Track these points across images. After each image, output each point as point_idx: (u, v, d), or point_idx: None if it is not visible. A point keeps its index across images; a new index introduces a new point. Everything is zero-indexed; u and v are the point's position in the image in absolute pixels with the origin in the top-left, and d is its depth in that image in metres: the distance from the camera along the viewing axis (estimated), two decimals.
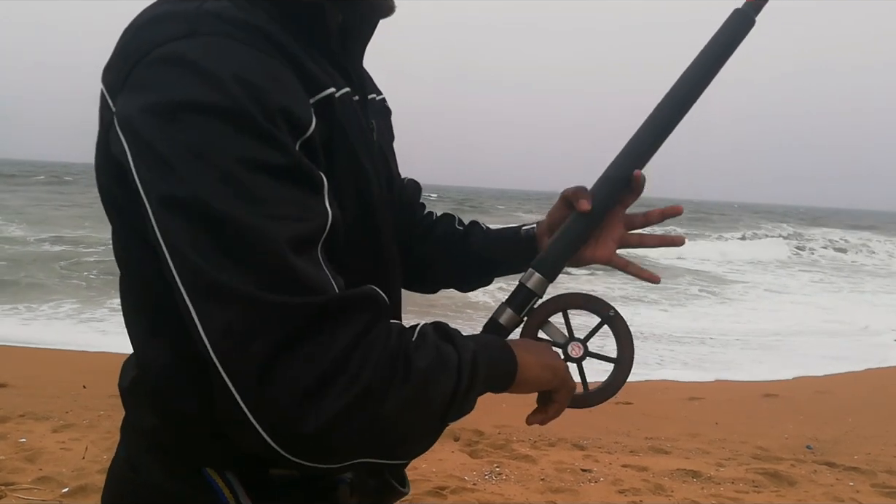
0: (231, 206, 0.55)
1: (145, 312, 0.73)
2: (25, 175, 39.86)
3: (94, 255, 11.90)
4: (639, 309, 10.45)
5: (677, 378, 6.44)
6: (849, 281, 16.23)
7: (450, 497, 3.30)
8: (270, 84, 0.59)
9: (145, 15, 0.66)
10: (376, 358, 0.58)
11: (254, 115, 0.57)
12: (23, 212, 19.41)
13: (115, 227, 0.72)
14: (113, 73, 0.64)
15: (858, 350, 8.10)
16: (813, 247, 24.30)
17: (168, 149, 0.57)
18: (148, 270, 0.65)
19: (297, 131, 0.61)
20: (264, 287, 0.54)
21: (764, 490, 3.60)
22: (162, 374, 0.72)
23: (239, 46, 0.60)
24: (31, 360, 5.82)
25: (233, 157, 0.56)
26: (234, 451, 0.69)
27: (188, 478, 0.73)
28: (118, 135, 0.61)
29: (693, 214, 40.81)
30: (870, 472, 3.92)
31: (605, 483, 3.60)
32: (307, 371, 0.55)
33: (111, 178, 0.66)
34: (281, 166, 0.58)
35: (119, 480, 0.80)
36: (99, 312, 7.72)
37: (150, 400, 0.75)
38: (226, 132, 0.56)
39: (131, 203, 0.61)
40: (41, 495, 3.04)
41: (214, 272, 0.55)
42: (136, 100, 0.60)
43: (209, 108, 0.57)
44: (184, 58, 0.59)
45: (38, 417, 4.14)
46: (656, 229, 1.00)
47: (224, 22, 0.61)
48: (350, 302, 0.58)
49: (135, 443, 0.78)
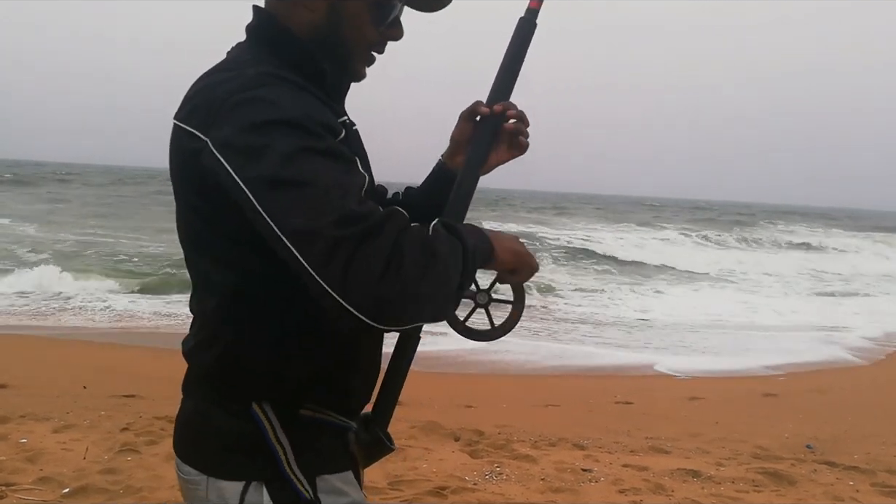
0: (307, 175, 0.85)
1: (212, 271, 1.03)
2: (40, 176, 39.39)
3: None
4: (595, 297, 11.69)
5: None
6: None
7: (450, 497, 3.30)
8: (313, 108, 0.93)
9: (215, 77, 0.97)
10: (415, 246, 0.86)
11: (307, 124, 0.89)
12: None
13: (190, 223, 1.02)
14: (200, 117, 0.93)
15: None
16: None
17: (261, 150, 0.86)
18: (224, 251, 0.99)
19: (335, 134, 0.93)
20: (340, 220, 0.83)
21: (764, 489, 3.60)
22: (218, 318, 1.03)
23: (289, 90, 0.93)
24: (32, 361, 5.84)
25: (300, 147, 0.86)
26: (275, 392, 1.02)
27: (239, 412, 1.02)
28: (215, 156, 0.89)
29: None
30: (870, 471, 3.92)
31: (606, 483, 3.61)
32: (376, 260, 0.82)
33: (193, 188, 0.97)
34: (330, 150, 0.89)
35: (189, 425, 1.09)
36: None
37: (208, 351, 1.04)
38: (293, 134, 0.87)
39: (215, 206, 0.93)
40: (42, 496, 3.05)
41: (302, 222, 0.83)
42: (229, 127, 0.89)
43: (282, 121, 0.88)
44: (260, 97, 0.90)
45: (39, 418, 4.15)
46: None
47: (276, 77, 0.95)
48: (388, 216, 0.87)
49: (197, 393, 1.08)
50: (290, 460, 1.01)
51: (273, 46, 1.03)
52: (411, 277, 0.84)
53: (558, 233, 25.11)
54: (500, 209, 38.78)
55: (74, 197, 28.43)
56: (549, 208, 43.62)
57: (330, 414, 1.07)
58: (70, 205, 25.19)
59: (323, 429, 1.06)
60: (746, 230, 32.32)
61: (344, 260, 0.81)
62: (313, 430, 1.05)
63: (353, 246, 0.82)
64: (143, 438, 3.83)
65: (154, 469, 3.38)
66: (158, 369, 5.57)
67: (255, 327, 1.00)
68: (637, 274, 16.45)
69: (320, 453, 1.04)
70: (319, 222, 0.82)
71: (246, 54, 1.03)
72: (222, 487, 1.01)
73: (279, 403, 1.02)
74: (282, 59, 1.02)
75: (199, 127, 0.93)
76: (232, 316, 1.02)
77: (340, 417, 1.09)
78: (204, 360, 1.06)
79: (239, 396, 1.02)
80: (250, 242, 0.92)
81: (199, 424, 1.07)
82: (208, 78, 0.98)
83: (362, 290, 0.82)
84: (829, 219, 52.41)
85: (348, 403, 1.10)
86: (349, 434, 1.10)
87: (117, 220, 21.06)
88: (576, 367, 7.08)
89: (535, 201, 53.91)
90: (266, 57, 1.01)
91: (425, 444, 4.07)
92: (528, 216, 35.48)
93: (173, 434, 1.12)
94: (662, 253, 20.26)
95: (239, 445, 1.02)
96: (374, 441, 1.11)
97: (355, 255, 0.81)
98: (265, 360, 1.01)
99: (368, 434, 1.11)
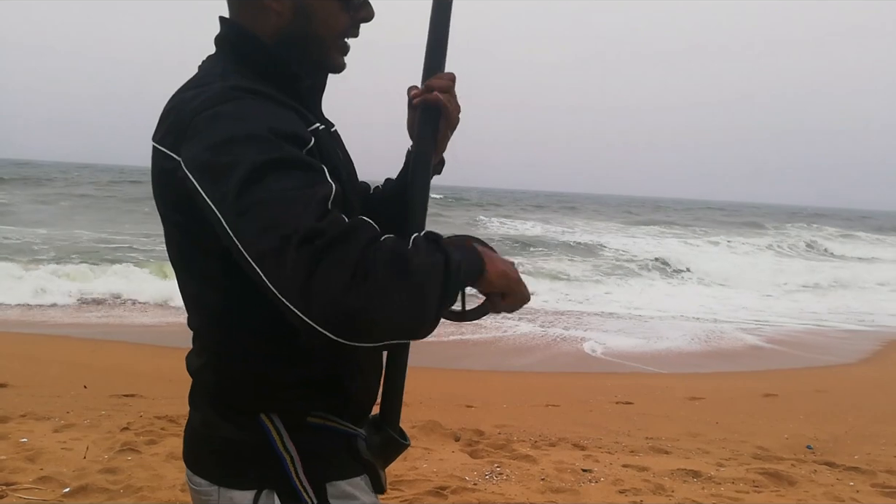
0: (268, 192, 0.83)
1: (201, 288, 1.04)
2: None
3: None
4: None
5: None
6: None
7: (450, 497, 3.30)
8: (278, 120, 0.93)
9: (184, 95, 0.98)
10: (384, 258, 0.82)
11: (271, 137, 0.88)
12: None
13: (175, 236, 1.03)
14: (172, 136, 0.95)
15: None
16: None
17: (225, 168, 0.86)
18: (208, 267, 0.99)
19: (302, 144, 0.93)
20: (301, 236, 0.80)
21: (764, 490, 3.60)
22: (212, 335, 1.05)
23: (254, 102, 0.94)
24: (32, 361, 5.83)
25: (262, 162, 0.85)
26: (279, 402, 1.03)
27: (246, 423, 1.03)
28: (186, 174, 0.90)
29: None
30: (870, 471, 3.92)
31: (606, 483, 3.60)
32: (338, 274, 0.79)
33: (171, 204, 0.99)
34: (294, 162, 0.88)
35: (197, 436, 1.10)
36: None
37: (208, 367, 1.07)
38: (256, 149, 0.86)
39: (194, 223, 0.94)
40: (42, 495, 3.05)
41: (263, 240, 0.82)
42: (195, 146, 0.90)
43: (245, 137, 0.88)
44: (224, 114, 0.91)
45: (39, 417, 4.15)
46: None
47: (241, 90, 0.95)
48: (352, 228, 0.84)
49: (203, 406, 1.09)
50: (298, 468, 1.02)
51: (241, 56, 1.04)
52: (378, 290, 0.80)
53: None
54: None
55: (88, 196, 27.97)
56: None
57: (337, 421, 1.08)
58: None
59: (331, 436, 1.07)
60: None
61: (304, 275, 0.79)
62: (321, 438, 1.06)
63: (315, 261, 0.80)
64: (144, 438, 3.83)
65: (154, 469, 3.38)
66: (158, 369, 5.58)
67: (247, 342, 1.02)
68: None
69: (329, 460, 1.06)
70: (280, 240, 0.81)
71: (216, 67, 1.03)
72: (234, 497, 1.03)
73: (285, 413, 1.04)
74: (250, 68, 1.02)
75: (171, 147, 0.94)
76: (224, 332, 1.03)
77: (347, 424, 1.09)
78: (205, 376, 1.08)
79: (244, 408, 1.04)
80: (232, 258, 0.90)
81: (207, 436, 1.08)
82: (179, 95, 0.99)
83: (324, 305, 0.79)
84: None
85: (354, 409, 1.10)
86: (359, 441, 1.10)
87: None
88: (576, 367, 7.08)
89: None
90: (235, 67, 1.02)
91: (425, 444, 4.07)
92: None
93: (183, 446, 1.14)
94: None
95: (248, 455, 1.03)
96: (387, 441, 1.11)
97: (317, 269, 0.79)
98: (263, 373, 1.02)
99: (379, 435, 1.11)
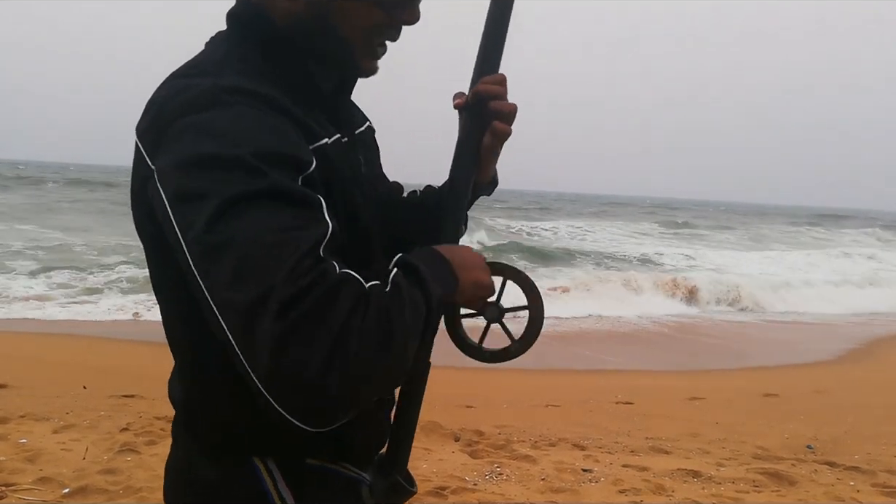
0: (242, 233, 0.69)
1: (177, 317, 0.92)
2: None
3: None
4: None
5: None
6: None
7: (450, 497, 3.30)
8: (271, 138, 0.76)
9: (172, 85, 0.83)
10: (368, 326, 0.69)
11: (256, 162, 0.73)
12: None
13: (148, 253, 0.89)
14: (150, 135, 0.81)
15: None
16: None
17: (196, 195, 0.72)
18: (178, 287, 0.81)
19: (299, 169, 0.77)
20: (274, 297, 0.66)
21: (764, 490, 3.60)
22: (191, 369, 0.93)
23: (248, 111, 0.78)
24: (32, 361, 5.83)
25: (240, 194, 0.71)
26: (273, 443, 0.89)
27: (234, 467, 0.91)
28: (157, 186, 0.76)
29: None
30: (870, 471, 3.91)
31: (606, 483, 3.60)
32: (313, 353, 0.66)
33: (146, 217, 0.83)
34: (279, 194, 0.72)
35: (178, 477, 0.99)
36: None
37: (189, 403, 0.95)
38: (235, 176, 0.72)
39: (163, 235, 0.77)
40: (42, 496, 3.05)
41: (232, 292, 0.68)
42: (170, 159, 0.76)
43: (226, 159, 0.73)
44: (206, 124, 0.76)
45: (39, 418, 4.14)
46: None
47: (237, 93, 0.79)
48: (336, 289, 0.70)
49: (185, 443, 0.97)
50: None
51: (250, 43, 0.89)
52: (359, 370, 0.68)
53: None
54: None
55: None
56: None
57: (339, 464, 0.96)
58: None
59: (330, 481, 0.95)
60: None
61: (272, 346, 0.65)
62: (320, 483, 0.94)
63: (288, 334, 0.65)
64: (143, 438, 3.82)
65: (154, 469, 3.38)
66: (158, 369, 5.53)
67: (226, 379, 0.84)
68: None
69: None
70: (253, 300, 0.67)
71: (218, 51, 0.88)
72: None
73: (279, 455, 0.91)
74: (257, 57, 0.87)
75: (147, 149, 0.81)
76: (202, 366, 0.91)
77: (350, 468, 0.98)
78: (188, 408, 0.97)
79: (231, 448, 0.92)
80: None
81: (190, 478, 0.96)
82: (169, 83, 0.84)
83: (291, 390, 0.66)
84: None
85: (356, 452, 0.98)
86: (362, 487, 0.99)
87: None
88: (576, 367, 7.08)
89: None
90: (240, 54, 0.87)
91: (425, 444, 4.07)
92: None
93: (164, 484, 1.02)
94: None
95: (235, 500, 0.92)
96: (392, 487, 1.00)
97: (289, 347, 0.65)
98: (253, 409, 0.78)
99: (386, 480, 1.00)
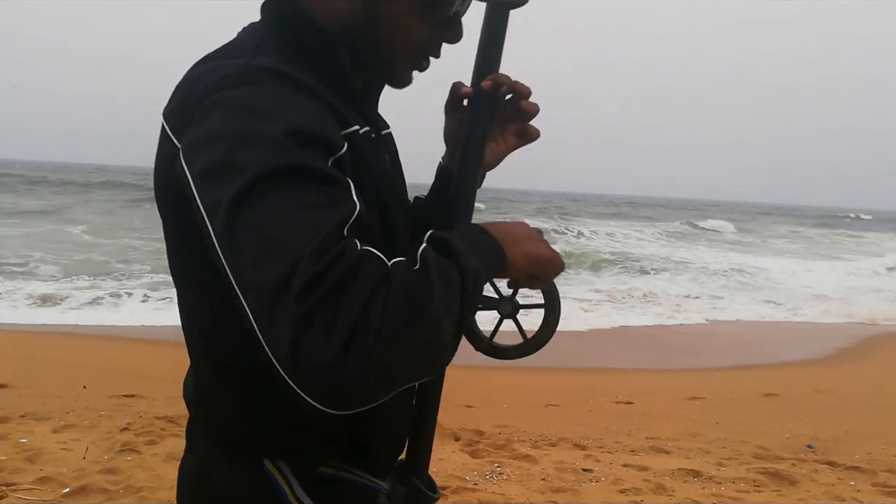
0: (267, 211, 0.68)
1: (202, 303, 0.88)
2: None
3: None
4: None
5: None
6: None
7: (451, 497, 3.30)
8: (302, 116, 0.75)
9: (202, 67, 0.82)
10: (394, 301, 0.66)
11: (285, 140, 0.71)
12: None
13: (172, 238, 0.88)
14: (176, 116, 0.80)
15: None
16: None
17: (224, 170, 0.71)
18: (204, 271, 0.79)
19: (330, 150, 0.76)
20: (297, 276, 0.64)
21: (765, 489, 3.60)
22: (209, 365, 0.90)
23: (280, 90, 0.77)
24: (32, 361, 5.83)
25: (269, 170, 0.69)
26: (286, 446, 0.87)
27: (249, 471, 0.88)
28: (183, 166, 0.75)
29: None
30: (871, 471, 3.92)
31: (606, 483, 3.60)
32: (336, 331, 0.63)
33: (172, 197, 0.81)
34: (307, 173, 0.71)
35: (190, 478, 0.97)
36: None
37: (205, 403, 0.93)
38: (264, 152, 0.70)
39: (191, 216, 0.75)
40: (42, 495, 3.05)
41: (255, 271, 0.67)
42: (197, 135, 0.75)
43: (254, 135, 0.72)
44: (237, 100, 0.75)
45: (39, 418, 4.14)
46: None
47: (271, 73, 0.78)
48: (357, 266, 0.67)
49: (199, 448, 0.95)
50: None
51: (286, 30, 0.87)
52: (384, 348, 0.64)
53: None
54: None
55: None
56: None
57: (355, 472, 0.93)
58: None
59: (347, 489, 0.92)
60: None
61: (293, 326, 0.63)
62: (336, 492, 0.91)
63: (309, 316, 0.63)
64: (143, 438, 3.83)
65: (154, 469, 3.38)
66: (158, 369, 5.57)
67: (245, 374, 0.85)
68: None
69: None
70: (275, 282, 0.65)
71: (252, 38, 0.87)
72: None
73: (294, 461, 0.88)
74: (293, 48, 0.86)
75: (174, 129, 0.80)
76: (221, 363, 0.88)
77: (367, 476, 0.94)
78: (200, 413, 0.95)
79: (245, 450, 0.89)
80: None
81: (204, 483, 0.93)
82: (200, 66, 0.84)
83: (314, 371, 0.63)
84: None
85: (375, 459, 0.95)
86: (380, 497, 0.95)
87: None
88: (576, 367, 7.08)
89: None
90: (275, 43, 0.85)
91: None
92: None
93: (177, 489, 1.00)
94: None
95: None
96: (414, 494, 0.97)
97: (312, 321, 0.63)
98: (266, 409, 0.86)
99: (405, 486, 0.97)
